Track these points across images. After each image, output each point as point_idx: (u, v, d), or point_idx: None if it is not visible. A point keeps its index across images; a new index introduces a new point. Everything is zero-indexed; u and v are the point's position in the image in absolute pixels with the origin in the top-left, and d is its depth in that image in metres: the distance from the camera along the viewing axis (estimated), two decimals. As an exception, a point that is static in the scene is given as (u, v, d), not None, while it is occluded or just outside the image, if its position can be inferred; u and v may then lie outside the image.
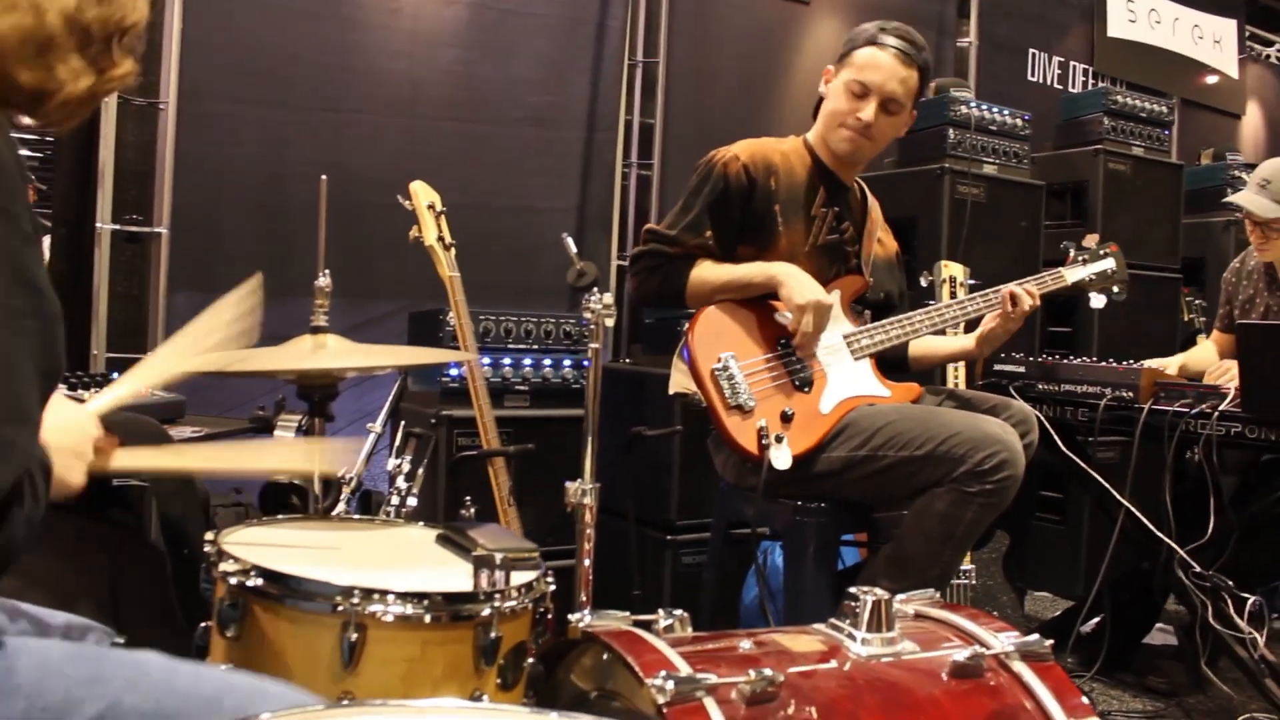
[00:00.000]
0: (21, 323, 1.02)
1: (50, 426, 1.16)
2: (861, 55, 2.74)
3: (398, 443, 2.57)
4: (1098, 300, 3.05)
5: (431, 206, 2.97)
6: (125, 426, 1.44)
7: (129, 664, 1.15)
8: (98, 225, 3.87)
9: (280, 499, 2.66)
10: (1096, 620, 3.48)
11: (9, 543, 0.99)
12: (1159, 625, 3.74)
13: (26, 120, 1.17)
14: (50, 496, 1.19)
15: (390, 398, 3.21)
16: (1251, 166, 5.99)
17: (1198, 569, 2.97)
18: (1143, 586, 3.32)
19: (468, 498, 2.46)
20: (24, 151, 1.08)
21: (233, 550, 1.56)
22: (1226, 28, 7.35)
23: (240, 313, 1.70)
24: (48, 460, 1.10)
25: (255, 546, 1.61)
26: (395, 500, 2.29)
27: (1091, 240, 3.08)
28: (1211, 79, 7.32)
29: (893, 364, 2.89)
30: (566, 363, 3.67)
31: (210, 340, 1.64)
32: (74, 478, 1.24)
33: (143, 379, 1.49)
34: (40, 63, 1.12)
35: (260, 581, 1.49)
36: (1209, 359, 3.76)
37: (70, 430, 1.26)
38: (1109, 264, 3.03)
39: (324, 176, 2.52)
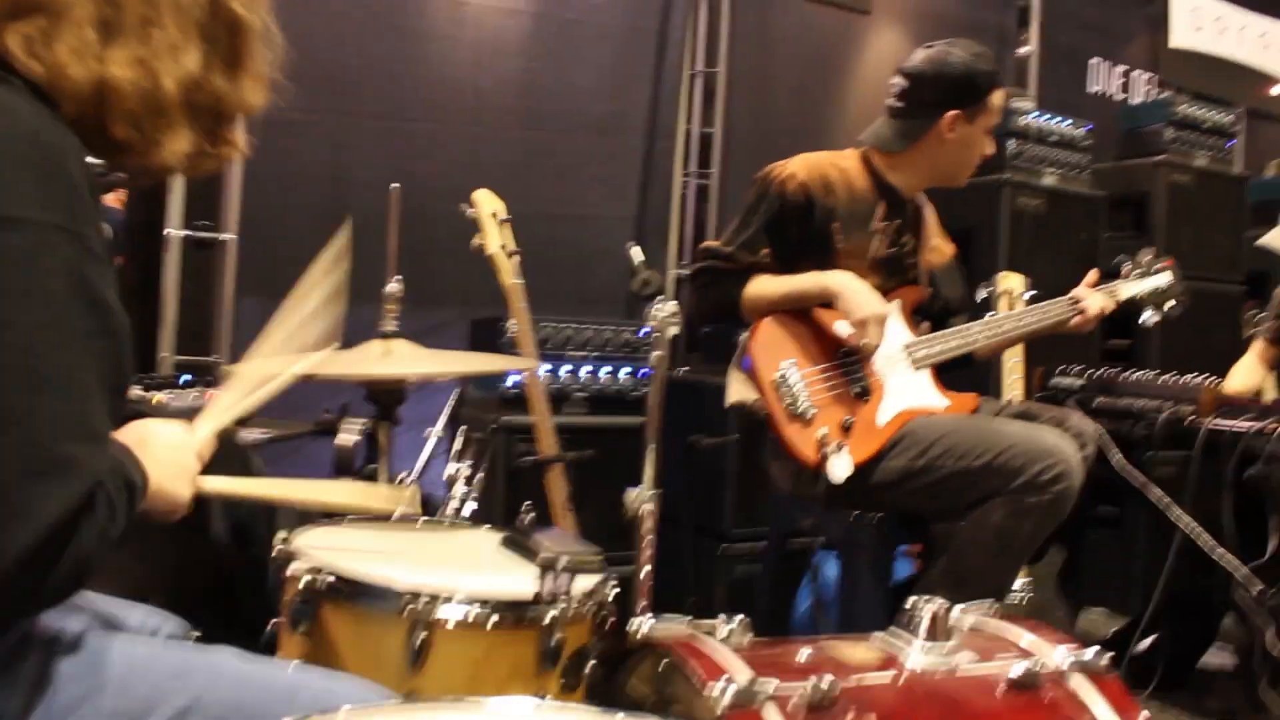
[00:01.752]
0: (90, 343, 1.06)
1: (158, 443, 1.23)
2: (997, 99, 2.78)
3: (457, 448, 2.61)
4: (1150, 316, 3.02)
5: (495, 215, 3.02)
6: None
7: (208, 660, 1.20)
8: (167, 231, 3.94)
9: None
10: (1152, 639, 3.44)
11: (82, 556, 1.01)
12: (1216, 646, 3.69)
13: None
14: (159, 513, 1.23)
15: (450, 403, 3.26)
16: (1318, 179, 5.91)
17: (1258, 589, 2.94)
18: (1200, 606, 3.29)
19: (527, 503, 2.50)
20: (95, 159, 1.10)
21: (304, 551, 1.60)
22: (1295, 36, 7.24)
23: (330, 272, 1.72)
24: (136, 477, 1.13)
25: (325, 548, 1.65)
26: (454, 505, 2.33)
27: (1147, 254, 3.06)
28: (1278, 89, 7.21)
29: (956, 358, 2.86)
30: (625, 371, 3.70)
31: (306, 315, 1.65)
32: (182, 495, 1.27)
33: (247, 390, 1.51)
34: (143, 125, 1.15)
35: (331, 581, 1.53)
36: (1253, 380, 3.70)
37: (177, 449, 1.29)
38: (1165, 279, 3.00)
39: (395, 185, 2.56)
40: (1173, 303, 3.02)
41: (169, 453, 1.25)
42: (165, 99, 1.15)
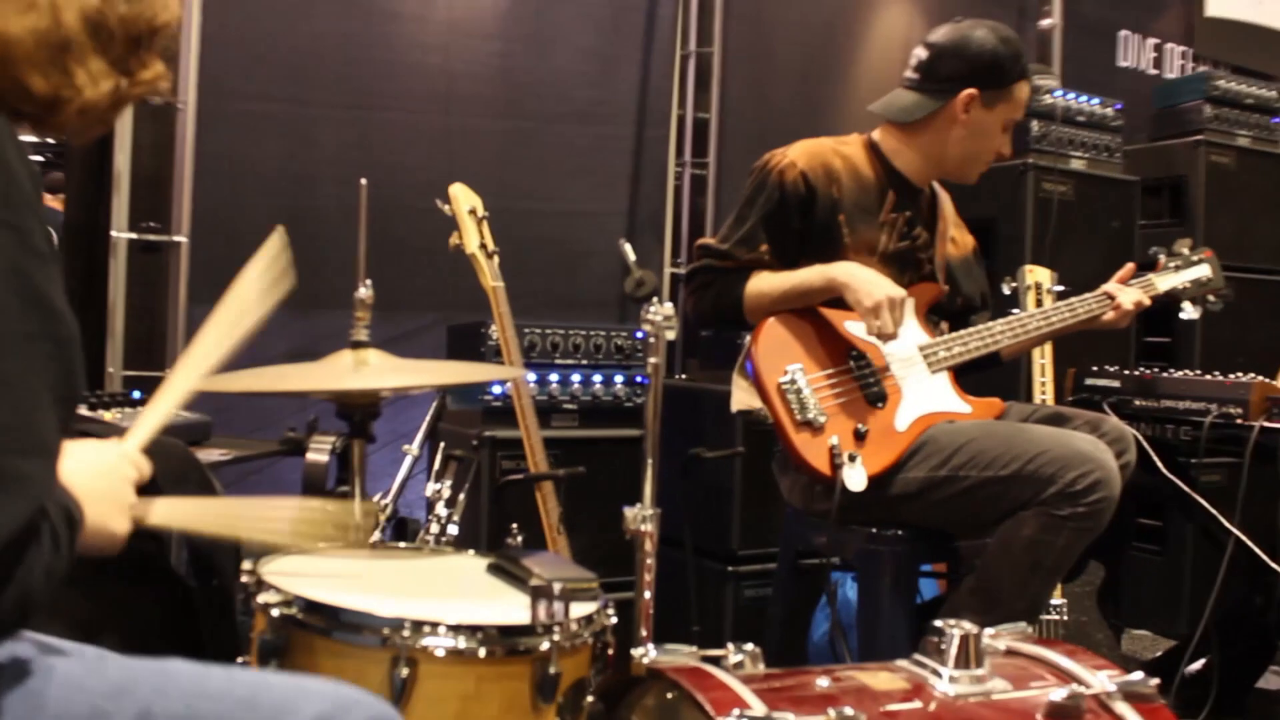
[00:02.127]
0: (35, 347, 1.03)
1: (85, 472, 1.19)
2: (1022, 92, 2.80)
3: (437, 466, 2.62)
4: (1190, 312, 3.04)
5: (473, 211, 3.02)
6: (155, 453, 1.46)
7: (155, 671, 1.17)
8: (112, 234, 3.93)
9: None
10: (1203, 661, 3.45)
11: (27, 592, 1.00)
12: (1273, 667, 3.71)
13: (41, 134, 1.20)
14: (94, 549, 1.21)
15: (428, 417, 3.26)
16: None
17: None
18: (1254, 624, 3.30)
19: (514, 525, 2.50)
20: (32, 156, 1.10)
21: (273, 580, 1.60)
22: (1342, 3, 7.28)
23: (266, 272, 1.72)
24: (74, 509, 1.12)
25: (297, 576, 1.65)
26: (435, 528, 2.33)
27: (1184, 245, 3.08)
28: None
29: (983, 359, 2.87)
30: (618, 379, 3.71)
31: (242, 315, 1.65)
32: (117, 527, 1.25)
33: (174, 395, 1.51)
34: (56, 68, 1.13)
35: (304, 614, 1.53)
36: None
37: (107, 475, 1.26)
38: (1204, 270, 3.02)
39: (364, 180, 2.57)
40: (1213, 297, 3.04)
41: (98, 481, 1.23)
42: (69, 34, 1.13)
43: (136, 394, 3.03)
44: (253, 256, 1.67)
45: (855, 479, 2.50)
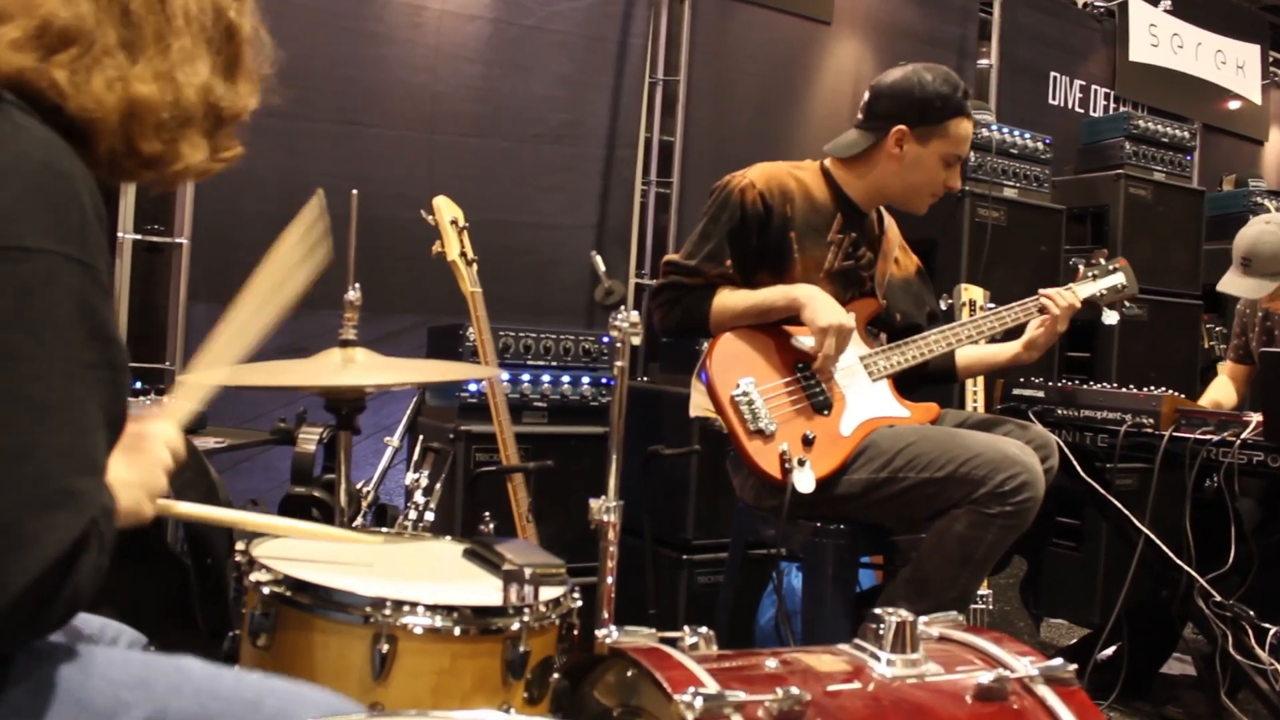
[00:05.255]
0: (95, 374, 1.06)
1: (123, 458, 1.21)
2: (958, 128, 2.76)
3: (415, 457, 2.61)
4: (1110, 316, 3.07)
5: (454, 222, 3.02)
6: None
7: (172, 669, 1.18)
8: (119, 235, 3.91)
9: (301, 512, 2.69)
10: (1114, 649, 3.49)
11: (78, 589, 1.01)
12: (1177, 655, 3.75)
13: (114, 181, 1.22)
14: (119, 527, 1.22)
15: (408, 412, 3.25)
16: (1274, 193, 6.03)
17: (1218, 598, 2.99)
18: (1161, 615, 3.34)
19: (487, 513, 2.50)
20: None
21: (264, 560, 1.59)
22: (1250, 53, 7.37)
23: (304, 240, 1.72)
24: (113, 505, 1.12)
25: (286, 558, 1.64)
26: (413, 515, 2.33)
27: (1100, 255, 3.11)
28: (1234, 104, 7.35)
29: (940, 375, 2.92)
30: (585, 380, 3.71)
31: (281, 284, 1.64)
32: (145, 511, 1.26)
33: (214, 369, 1.50)
34: (170, 135, 1.18)
35: (292, 592, 1.52)
36: (1228, 400, 3.79)
37: (142, 461, 1.27)
38: (1119, 278, 3.04)
39: (355, 191, 2.56)
40: (1128, 302, 3.07)
41: (133, 468, 1.24)
42: (189, 108, 1.19)
43: (138, 384, 3.01)
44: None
45: (804, 482, 2.51)
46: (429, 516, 2.32)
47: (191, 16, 1.21)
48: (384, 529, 2.22)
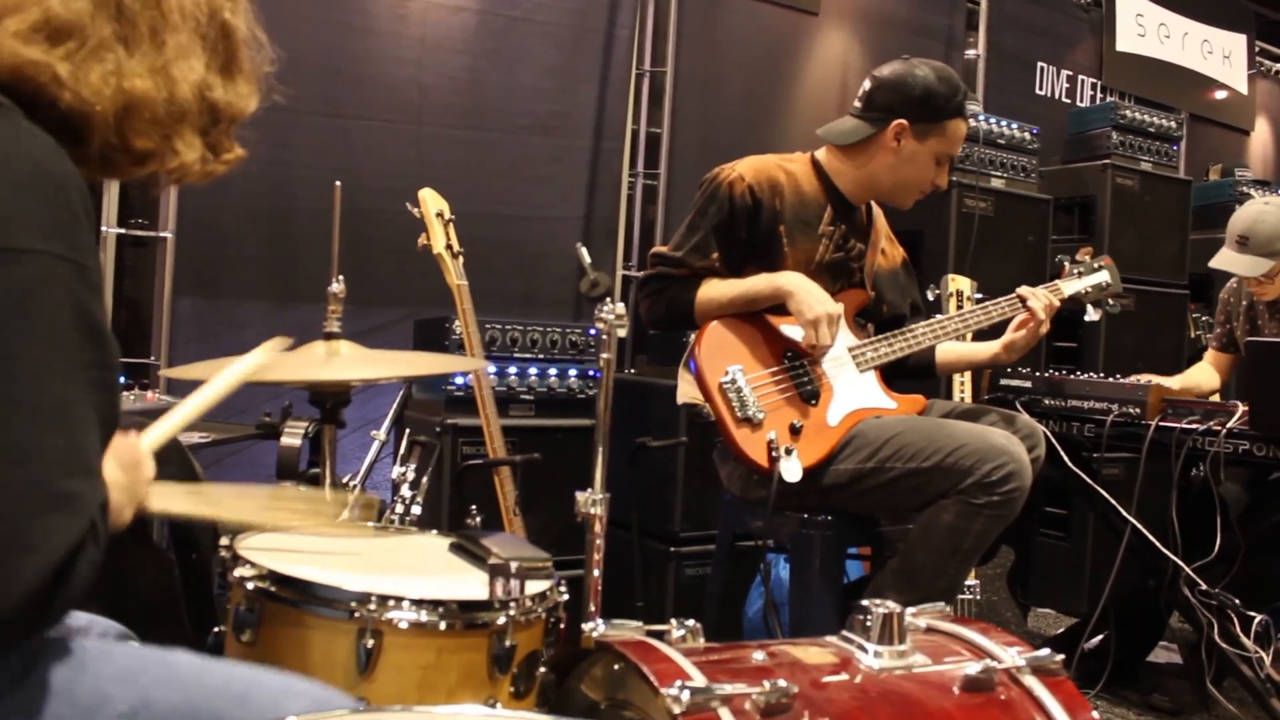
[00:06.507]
0: (89, 374, 1.06)
1: (115, 466, 1.20)
2: (956, 129, 2.78)
3: (402, 451, 2.60)
4: (1092, 314, 3.07)
5: (440, 214, 3.01)
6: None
7: (159, 661, 1.18)
8: (103, 229, 3.88)
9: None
10: (1100, 637, 3.50)
11: (76, 589, 1.01)
12: (1163, 643, 3.76)
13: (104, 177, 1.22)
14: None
15: (394, 405, 3.24)
16: (1261, 183, 6.05)
17: (1204, 587, 2.99)
18: (1148, 604, 3.35)
19: (473, 507, 2.49)
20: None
21: (249, 555, 1.58)
22: (1236, 43, 7.40)
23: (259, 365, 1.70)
24: (108, 503, 1.12)
25: (271, 552, 1.63)
26: (400, 508, 2.32)
27: (1085, 253, 3.11)
28: (1220, 94, 7.37)
29: (919, 370, 2.92)
30: (572, 372, 3.70)
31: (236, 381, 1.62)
32: (126, 516, 1.25)
33: (193, 409, 1.48)
34: (164, 131, 1.19)
35: (277, 587, 1.51)
36: (1209, 382, 3.79)
37: (131, 470, 1.27)
38: (1103, 277, 3.05)
39: (338, 183, 2.54)
40: (1111, 300, 3.07)
41: (124, 475, 1.23)
42: (184, 104, 1.20)
43: (122, 379, 2.99)
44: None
45: (791, 471, 2.51)
46: (416, 510, 2.31)
47: (187, 13, 1.22)
48: (370, 523, 2.21)
